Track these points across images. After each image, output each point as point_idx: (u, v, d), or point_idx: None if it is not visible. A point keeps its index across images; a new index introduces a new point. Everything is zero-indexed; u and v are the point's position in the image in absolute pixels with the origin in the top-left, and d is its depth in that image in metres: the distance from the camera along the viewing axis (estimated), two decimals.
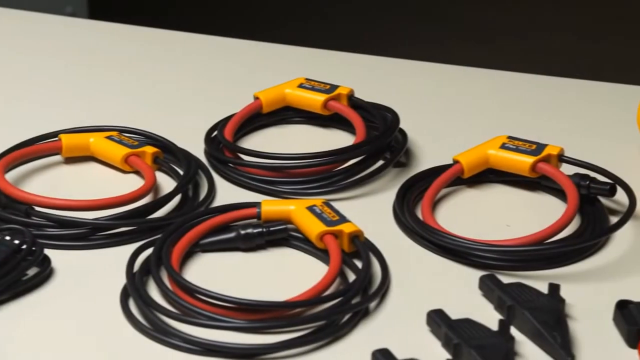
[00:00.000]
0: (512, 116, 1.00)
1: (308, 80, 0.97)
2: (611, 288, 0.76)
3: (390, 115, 0.94)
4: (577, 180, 0.84)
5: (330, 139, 0.95)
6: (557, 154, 0.86)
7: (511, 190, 0.88)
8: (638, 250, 0.80)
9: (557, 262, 0.79)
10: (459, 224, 0.83)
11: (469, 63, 1.11)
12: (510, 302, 0.72)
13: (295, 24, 2.72)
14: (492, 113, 1.01)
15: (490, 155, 0.87)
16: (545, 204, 0.86)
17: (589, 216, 0.83)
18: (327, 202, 0.81)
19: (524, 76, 1.07)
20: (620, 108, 0.97)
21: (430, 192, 0.85)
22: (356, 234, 0.78)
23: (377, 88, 1.03)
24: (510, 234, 0.81)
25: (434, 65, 1.10)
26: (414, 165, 0.92)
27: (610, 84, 1.04)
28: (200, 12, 2.78)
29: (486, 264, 0.78)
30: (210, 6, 2.82)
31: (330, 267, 0.75)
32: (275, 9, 2.83)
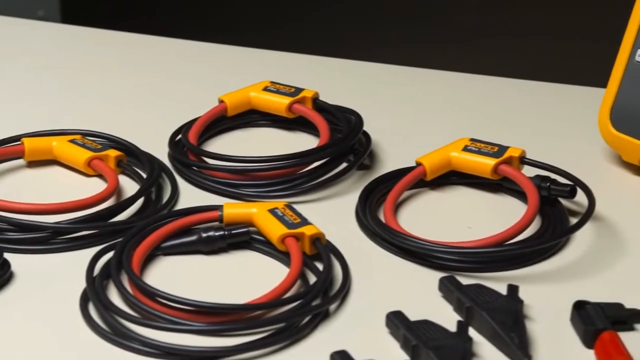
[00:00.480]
0: (475, 118, 1.00)
1: (273, 84, 0.98)
2: (570, 289, 0.77)
3: (354, 117, 0.94)
4: (537, 182, 0.85)
5: (295, 142, 0.95)
6: (518, 156, 0.87)
7: (473, 192, 0.89)
8: (597, 251, 0.81)
9: (517, 264, 0.79)
10: (421, 225, 0.84)
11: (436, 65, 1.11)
12: (469, 304, 0.72)
13: (260, 28, 2.72)
14: (456, 115, 1.01)
15: (453, 158, 0.88)
16: (507, 205, 0.87)
17: (549, 217, 0.84)
18: (289, 204, 0.81)
19: (487, 78, 1.08)
20: (583, 110, 0.98)
21: (393, 194, 0.86)
22: (317, 237, 0.78)
23: (342, 91, 1.03)
24: (471, 235, 0.81)
25: (399, 67, 1.10)
26: (377, 167, 0.92)
27: (572, 86, 1.05)
28: (167, 15, 2.78)
29: (447, 265, 0.79)
30: (178, 10, 2.82)
31: (291, 269, 0.75)
32: (241, 13, 2.83)
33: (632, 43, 0.89)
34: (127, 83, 1.07)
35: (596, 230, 0.84)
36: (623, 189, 0.89)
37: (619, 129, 0.89)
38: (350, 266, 0.78)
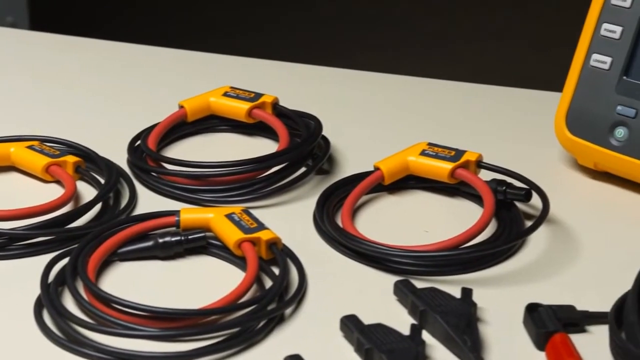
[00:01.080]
0: (434, 123, 1.01)
1: (233, 89, 0.98)
2: (524, 291, 0.77)
3: (313, 122, 0.94)
4: (494, 186, 0.86)
5: (255, 147, 0.96)
6: (475, 160, 0.88)
7: (431, 196, 0.90)
8: (552, 254, 0.82)
9: (472, 267, 0.80)
10: (378, 230, 0.84)
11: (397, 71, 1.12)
12: (423, 307, 0.73)
13: (221, 33, 2.71)
14: (414, 120, 1.02)
15: (410, 162, 0.89)
16: (464, 209, 0.88)
17: (505, 221, 0.85)
18: (247, 209, 0.82)
19: (445, 83, 1.09)
20: (540, 114, 0.99)
21: (350, 199, 0.86)
22: (274, 241, 0.79)
23: (303, 96, 1.04)
24: (428, 239, 0.82)
25: (358, 72, 1.11)
26: (336, 172, 0.93)
27: (529, 90, 1.06)
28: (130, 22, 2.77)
29: (402, 269, 0.79)
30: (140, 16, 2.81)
31: (247, 274, 0.76)
32: (201, 18, 2.82)
33: (586, 48, 0.90)
34: (87, 89, 1.06)
35: (551, 234, 0.84)
36: (578, 193, 0.90)
37: (574, 132, 0.90)
38: (306, 270, 0.79)
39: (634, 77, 0.88)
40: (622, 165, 0.88)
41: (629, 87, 0.88)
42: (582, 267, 0.81)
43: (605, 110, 0.89)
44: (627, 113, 0.88)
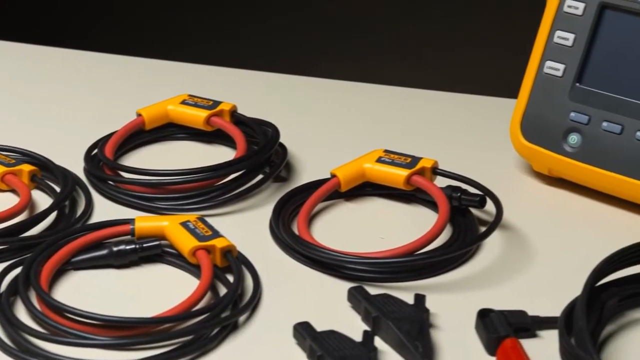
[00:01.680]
0: (391, 129, 1.02)
1: (191, 97, 0.98)
2: (477, 297, 0.78)
3: (271, 130, 0.95)
4: (448, 192, 0.86)
5: (213, 155, 0.96)
6: (430, 167, 0.88)
7: (387, 203, 0.90)
8: (506, 259, 0.83)
9: (426, 273, 0.80)
10: (334, 237, 0.85)
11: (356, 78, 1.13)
12: (375, 313, 0.73)
13: (180, 41, 2.70)
14: (372, 127, 1.02)
15: (367, 169, 0.89)
16: (420, 215, 0.88)
17: (459, 227, 0.85)
18: (202, 217, 0.82)
19: (402, 90, 1.10)
20: (496, 120, 0.99)
21: (307, 206, 0.86)
22: (229, 249, 0.79)
23: (261, 104, 1.04)
24: (383, 246, 0.82)
25: (316, 80, 1.11)
26: (294, 179, 0.93)
27: (486, 97, 1.07)
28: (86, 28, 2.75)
29: (357, 276, 0.80)
30: (96, 22, 2.79)
31: (200, 282, 0.76)
32: (159, 26, 2.81)
33: (540, 55, 0.91)
34: (45, 97, 1.06)
35: (506, 239, 0.85)
36: (533, 199, 0.91)
37: (529, 139, 0.91)
38: (261, 278, 0.79)
39: (587, 84, 0.89)
40: (576, 171, 0.89)
41: (581, 93, 0.89)
42: (536, 272, 0.81)
43: (559, 116, 0.89)
44: (580, 119, 0.89)
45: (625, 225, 0.87)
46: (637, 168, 0.85)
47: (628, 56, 0.87)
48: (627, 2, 0.87)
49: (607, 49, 0.88)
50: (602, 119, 0.87)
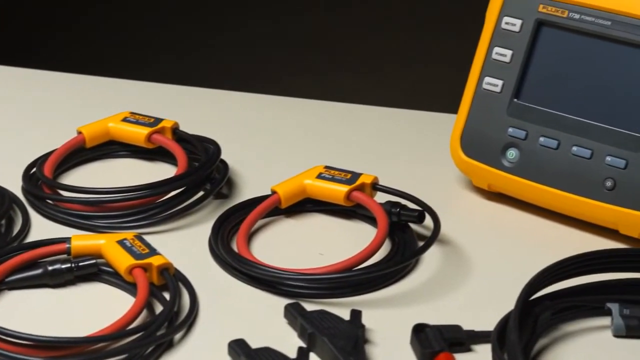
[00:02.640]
0: (333, 145, 1.02)
1: (133, 114, 0.98)
2: (414, 312, 0.78)
3: (212, 147, 0.95)
4: (388, 208, 0.87)
5: (155, 172, 0.95)
6: (370, 183, 0.89)
7: (328, 218, 0.90)
8: (444, 274, 0.83)
9: (364, 289, 0.80)
10: (274, 253, 0.85)
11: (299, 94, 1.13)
12: (311, 330, 0.73)
13: (121, 58, 2.69)
14: (314, 143, 1.03)
15: (307, 185, 0.89)
16: (360, 231, 0.88)
17: (398, 242, 0.85)
18: (139, 235, 0.81)
19: (343, 106, 1.10)
20: (437, 135, 1.00)
21: (246, 223, 0.86)
22: (165, 267, 0.79)
23: (204, 120, 1.04)
24: (322, 262, 0.82)
25: (258, 96, 1.11)
26: (235, 196, 0.93)
27: (427, 112, 1.08)
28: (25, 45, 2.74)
29: (295, 292, 0.80)
30: (35, 40, 2.77)
31: (136, 300, 0.75)
32: (100, 42, 2.80)
33: (479, 71, 0.92)
34: None
35: (444, 254, 0.85)
36: (473, 213, 0.91)
37: (468, 154, 0.92)
38: (199, 295, 0.79)
39: (524, 99, 0.90)
40: (514, 186, 0.90)
41: (519, 109, 0.90)
42: (473, 286, 0.82)
43: (497, 132, 0.90)
44: (517, 135, 0.89)
45: (563, 239, 0.87)
46: (573, 182, 0.86)
47: (564, 72, 0.88)
48: (562, 19, 0.88)
49: (543, 65, 0.89)
50: (539, 134, 0.88)
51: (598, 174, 0.85)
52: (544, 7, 0.88)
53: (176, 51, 2.74)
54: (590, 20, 0.86)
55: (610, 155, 0.85)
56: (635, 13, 0.84)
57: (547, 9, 0.88)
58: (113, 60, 2.66)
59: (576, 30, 0.87)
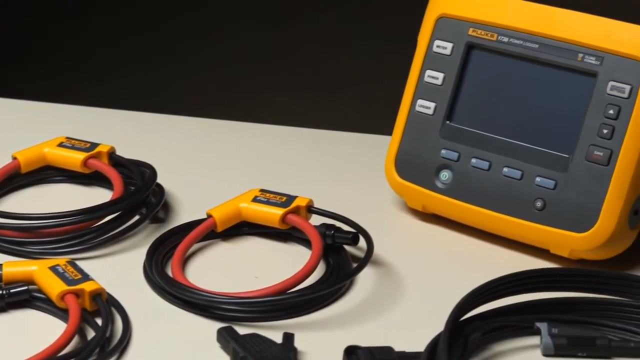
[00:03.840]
0: (269, 168, 1.02)
1: (69, 139, 0.98)
2: (348, 334, 0.79)
3: (148, 171, 0.95)
4: (322, 230, 0.87)
5: (91, 197, 0.95)
6: (305, 205, 0.89)
7: (264, 241, 0.91)
8: (378, 295, 0.84)
9: (298, 311, 0.81)
10: (209, 277, 0.85)
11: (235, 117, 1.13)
12: (243, 353, 0.73)
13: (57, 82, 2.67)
14: (251, 166, 1.03)
15: (243, 209, 0.90)
16: (296, 254, 0.89)
17: (333, 264, 0.86)
18: (72, 261, 0.81)
19: (280, 128, 1.11)
20: (373, 157, 1.01)
21: (181, 247, 0.86)
22: (98, 292, 0.78)
23: (141, 144, 1.04)
24: (257, 285, 0.82)
25: (193, 119, 1.12)
26: (172, 220, 0.93)
27: (363, 134, 1.09)
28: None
29: (229, 316, 0.80)
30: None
31: (67, 326, 0.75)
32: (34, 66, 2.77)
33: (412, 94, 0.93)
34: None
35: (379, 276, 0.86)
36: (407, 235, 0.92)
37: (402, 176, 0.93)
38: (132, 321, 0.79)
39: (457, 121, 0.91)
40: (447, 207, 0.91)
41: (451, 131, 0.91)
42: (407, 307, 0.83)
43: (431, 154, 0.91)
44: (450, 156, 0.90)
45: (495, 259, 0.88)
46: (505, 203, 0.87)
47: (494, 94, 0.89)
48: (492, 42, 0.89)
49: (474, 88, 0.90)
50: (471, 155, 0.89)
51: (528, 194, 0.86)
52: (473, 31, 0.90)
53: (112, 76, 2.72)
54: (518, 43, 0.88)
55: (539, 176, 0.86)
56: (561, 36, 0.86)
57: (476, 32, 0.90)
58: (48, 85, 2.63)
59: (505, 53, 0.88)
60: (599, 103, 0.84)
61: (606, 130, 0.84)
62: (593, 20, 0.85)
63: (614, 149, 0.83)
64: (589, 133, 0.84)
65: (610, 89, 0.84)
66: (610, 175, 0.83)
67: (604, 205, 0.83)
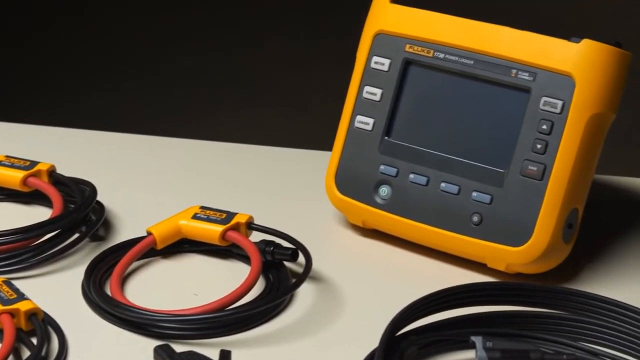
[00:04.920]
0: (211, 185, 1.02)
1: (8, 158, 0.97)
2: (285, 350, 0.79)
3: (89, 189, 0.95)
4: (262, 247, 0.87)
5: (31, 216, 0.95)
6: (245, 222, 0.89)
7: (204, 259, 0.91)
8: (317, 311, 0.84)
9: (237, 328, 0.81)
10: (149, 295, 0.85)
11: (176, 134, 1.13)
12: None
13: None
14: (192, 182, 1.03)
15: (182, 226, 0.90)
16: (236, 271, 0.89)
17: (273, 281, 0.86)
18: (8, 280, 0.81)
19: (221, 145, 1.11)
20: (314, 173, 1.01)
21: (120, 265, 0.86)
22: (33, 312, 0.78)
23: (82, 162, 1.04)
24: (197, 302, 0.82)
25: (135, 136, 1.12)
26: (112, 238, 0.93)
27: (306, 150, 1.09)
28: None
29: (167, 334, 0.79)
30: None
31: (2, 346, 0.74)
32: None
33: (351, 110, 0.93)
34: None
35: (318, 291, 0.86)
36: (348, 250, 0.93)
37: (343, 192, 0.93)
38: (70, 340, 0.78)
39: (395, 137, 0.92)
40: (387, 223, 0.91)
41: (390, 147, 0.92)
42: (345, 322, 0.83)
43: (370, 169, 0.92)
44: (389, 172, 0.91)
45: (434, 274, 0.89)
46: (442, 218, 0.88)
47: (431, 110, 0.90)
48: (428, 59, 0.90)
49: (412, 104, 0.91)
50: (409, 171, 0.90)
51: (465, 209, 0.87)
52: (410, 47, 0.91)
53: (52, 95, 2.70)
54: (454, 59, 0.89)
55: (476, 191, 0.87)
56: (495, 52, 0.87)
57: (413, 48, 0.91)
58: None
59: (441, 69, 0.89)
60: (532, 118, 0.85)
61: (540, 145, 0.85)
62: (526, 37, 0.86)
63: (547, 164, 0.84)
64: (524, 148, 0.85)
65: (543, 104, 0.85)
66: (545, 190, 0.84)
67: (539, 220, 0.84)
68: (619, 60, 0.84)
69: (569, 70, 0.84)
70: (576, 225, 0.86)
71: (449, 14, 0.90)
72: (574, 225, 0.86)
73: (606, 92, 0.84)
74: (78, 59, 2.89)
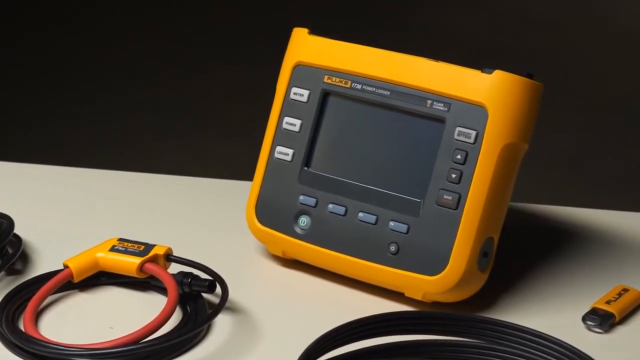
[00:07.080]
0: (131, 216, 1.02)
1: None
2: None
3: (5, 221, 0.93)
4: (179, 279, 0.87)
5: None
6: (164, 254, 0.89)
7: (122, 291, 0.90)
8: (235, 343, 0.83)
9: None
10: (65, 329, 0.84)
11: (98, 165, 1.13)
12: None
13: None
14: (112, 214, 1.02)
15: (100, 258, 0.89)
16: (154, 303, 0.88)
17: (190, 313, 0.86)
18: None
19: (142, 175, 1.11)
20: (236, 203, 1.01)
21: (35, 299, 0.85)
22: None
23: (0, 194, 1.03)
24: (112, 335, 0.81)
25: (54, 168, 1.11)
26: (30, 271, 0.91)
27: (224, 180, 1.09)
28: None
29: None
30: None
31: None
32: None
33: (271, 140, 0.93)
34: None
35: (236, 323, 0.86)
36: (267, 281, 0.92)
37: (263, 222, 0.93)
38: None
39: (314, 167, 0.92)
40: (306, 253, 0.91)
41: (309, 177, 0.92)
42: (262, 353, 0.82)
43: (290, 200, 0.92)
44: (308, 202, 0.91)
45: (353, 303, 0.89)
46: (361, 247, 0.88)
47: (348, 140, 0.91)
48: (346, 90, 0.91)
49: (331, 134, 0.92)
50: (328, 201, 0.90)
51: (383, 238, 0.87)
52: (329, 78, 0.91)
53: None
54: (371, 90, 0.89)
55: (393, 221, 0.87)
56: (411, 83, 0.88)
57: (331, 79, 0.91)
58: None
59: (359, 99, 0.90)
60: (447, 148, 0.86)
61: (454, 175, 0.86)
62: (440, 67, 0.87)
63: (462, 193, 0.85)
64: (439, 178, 0.86)
65: (457, 134, 0.86)
66: (459, 219, 0.85)
67: (454, 249, 0.85)
68: (530, 90, 0.85)
69: (481, 100, 0.85)
70: (492, 254, 0.87)
71: (368, 45, 0.91)
72: (490, 253, 0.87)
73: (518, 122, 0.85)
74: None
